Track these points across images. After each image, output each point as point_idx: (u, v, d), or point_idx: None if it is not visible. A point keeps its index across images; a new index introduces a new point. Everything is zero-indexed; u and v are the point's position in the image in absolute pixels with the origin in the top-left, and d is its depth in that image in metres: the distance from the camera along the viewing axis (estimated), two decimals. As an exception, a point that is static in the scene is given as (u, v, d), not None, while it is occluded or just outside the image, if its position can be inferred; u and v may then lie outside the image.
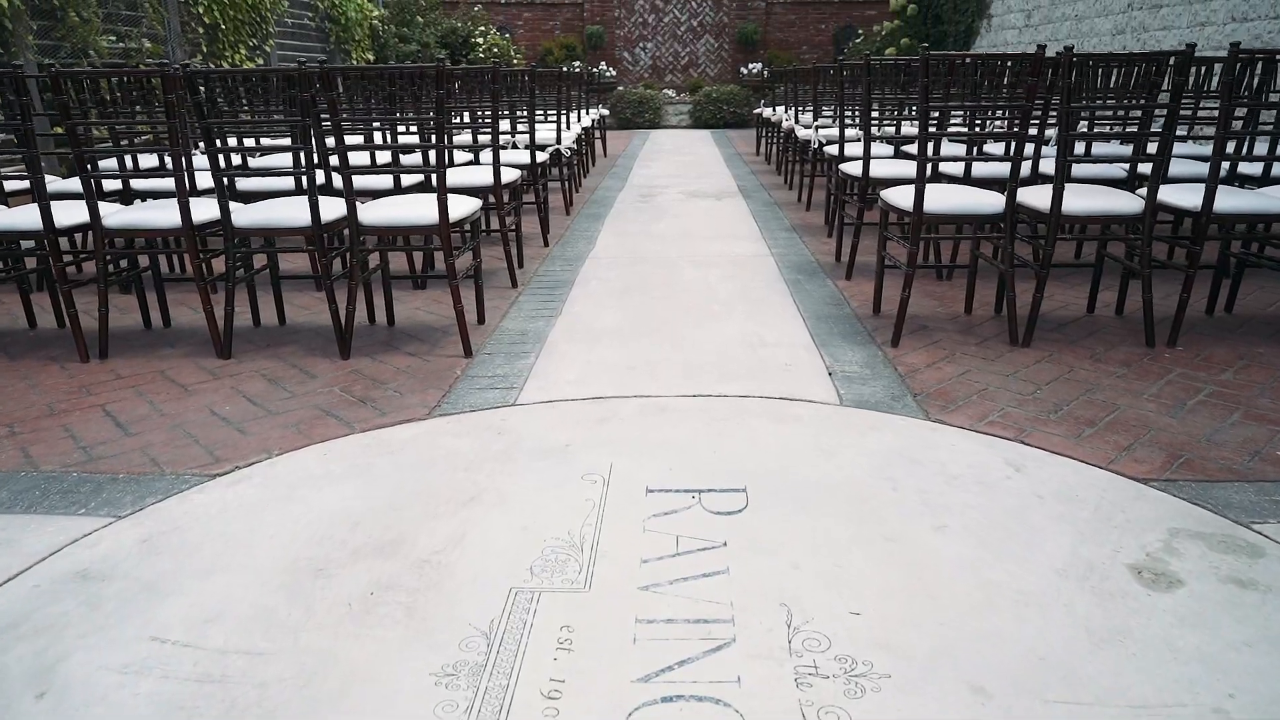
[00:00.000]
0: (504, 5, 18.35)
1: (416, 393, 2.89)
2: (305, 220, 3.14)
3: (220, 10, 9.44)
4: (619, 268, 4.63)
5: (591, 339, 3.42)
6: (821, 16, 17.96)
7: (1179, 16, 8.46)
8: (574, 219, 6.18)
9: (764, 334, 3.44)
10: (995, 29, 12.74)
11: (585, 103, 9.47)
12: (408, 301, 4.05)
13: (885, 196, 3.36)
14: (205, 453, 2.45)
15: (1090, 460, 2.32)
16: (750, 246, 5.12)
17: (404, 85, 3.84)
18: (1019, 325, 3.29)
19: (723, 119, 15.96)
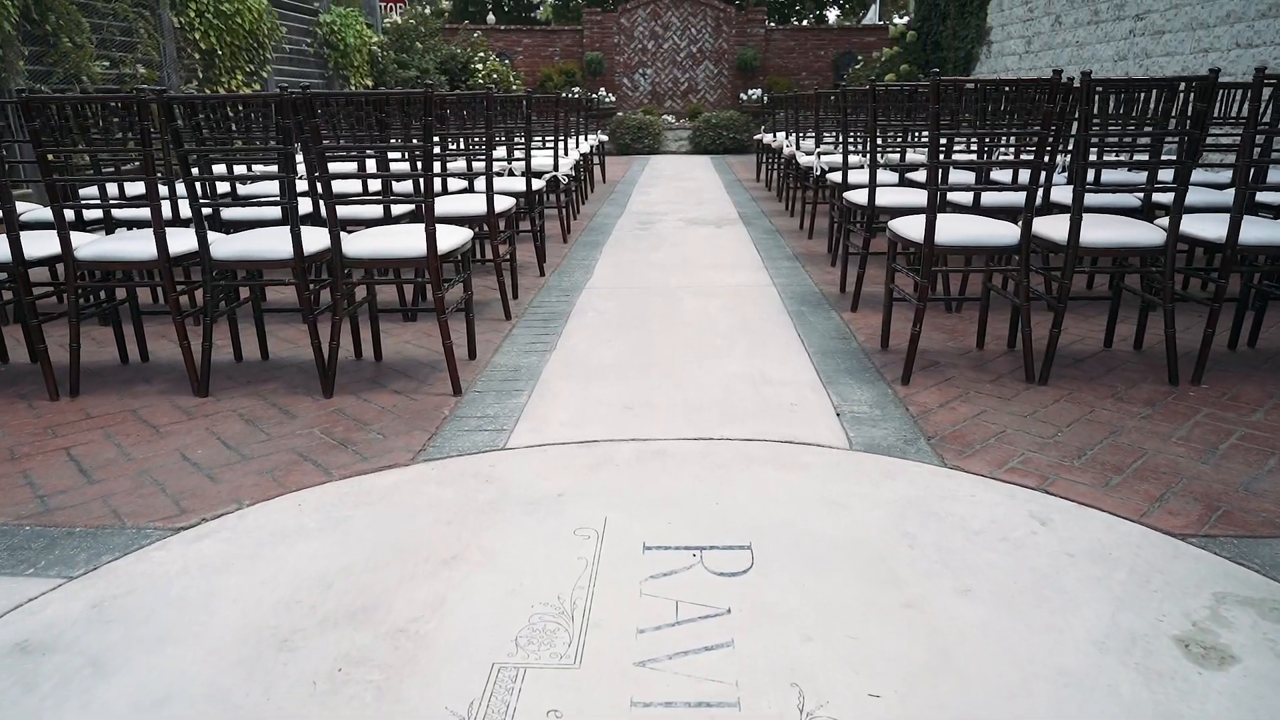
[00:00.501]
0: (504, 32, 18.40)
1: (401, 435, 2.73)
2: (287, 252, 2.99)
3: (217, 36, 9.39)
4: (617, 298, 4.49)
5: (587, 375, 3.27)
6: (821, 43, 18.00)
7: (1182, 43, 8.40)
8: (571, 247, 6.05)
9: (768, 370, 3.28)
10: (995, 55, 12.72)
11: (584, 128, 9.39)
12: (397, 335, 3.90)
13: (894, 227, 3.22)
14: (171, 503, 2.28)
15: (1121, 513, 2.16)
16: (752, 276, 4.98)
17: (394, 111, 3.71)
18: (1035, 361, 3.14)
19: (722, 144, 15.92)
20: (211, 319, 3.10)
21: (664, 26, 18.04)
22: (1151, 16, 8.86)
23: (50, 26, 7.11)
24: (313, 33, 12.20)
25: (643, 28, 18.06)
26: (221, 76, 9.67)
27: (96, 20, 7.86)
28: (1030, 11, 11.55)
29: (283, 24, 11.00)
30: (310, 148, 2.88)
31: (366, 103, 3.53)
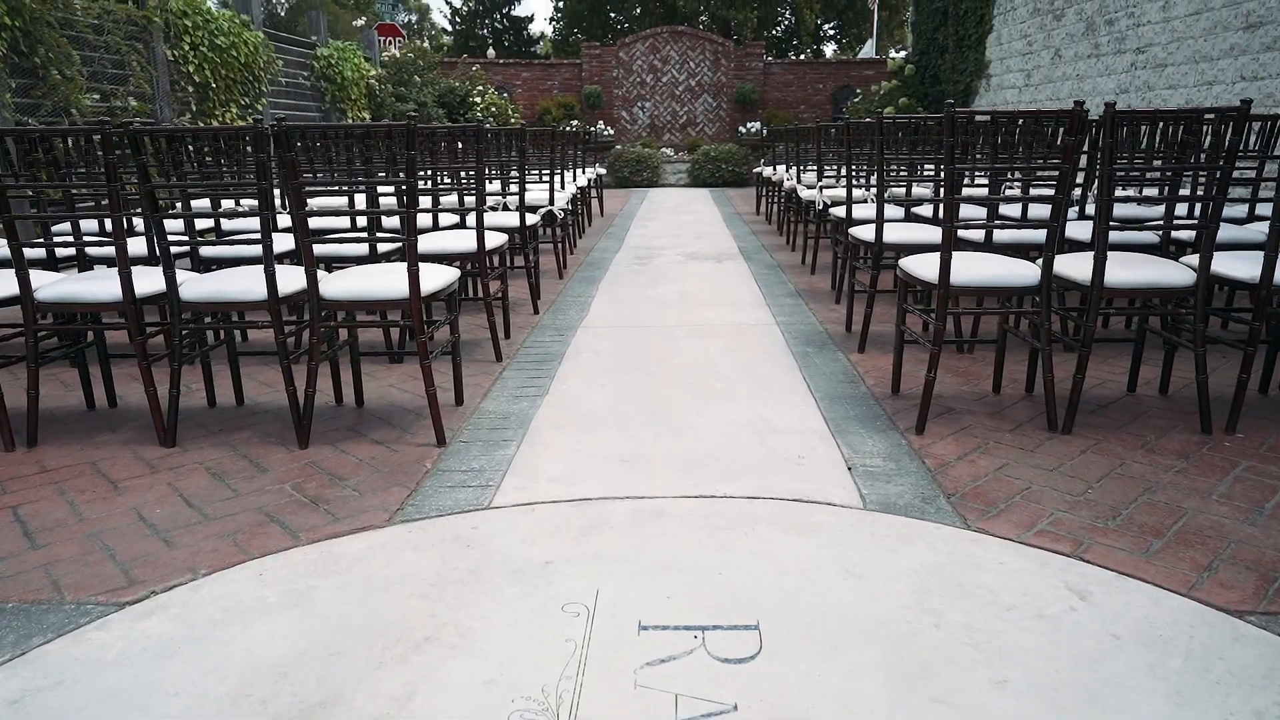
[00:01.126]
0: (502, 65, 18.44)
1: (378, 491, 2.53)
2: (260, 293, 2.81)
3: (211, 69, 9.32)
4: (613, 338, 4.30)
5: (581, 423, 3.07)
6: (819, 77, 18.04)
7: (1185, 76, 8.32)
8: (567, 283, 5.88)
9: (773, 418, 3.09)
10: (994, 89, 12.69)
11: (582, 162, 9.28)
12: (381, 378, 3.71)
13: (906, 266, 3.04)
14: (119, 572, 2.07)
15: (1167, 584, 1.95)
16: (754, 314, 4.80)
17: (380, 145, 3.56)
18: (1057, 409, 2.94)
19: (721, 178, 15.86)
20: (180, 364, 2.91)
21: (663, 60, 18.08)
22: (1153, 50, 8.80)
23: (39, 59, 7.00)
24: (310, 66, 12.17)
25: (641, 61, 18.10)
26: (215, 109, 9.59)
27: (88, 53, 7.76)
28: (1029, 45, 11.53)
29: (279, 57, 10.95)
30: (287, 183, 2.71)
31: (347, 135, 3.36)
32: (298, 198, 2.71)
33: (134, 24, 8.24)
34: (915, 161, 4.44)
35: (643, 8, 27.89)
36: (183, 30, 8.92)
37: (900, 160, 4.53)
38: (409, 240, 2.73)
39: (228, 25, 9.53)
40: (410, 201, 2.71)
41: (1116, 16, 9.43)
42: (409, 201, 2.70)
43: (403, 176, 2.74)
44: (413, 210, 2.71)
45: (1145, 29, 8.91)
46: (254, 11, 10.47)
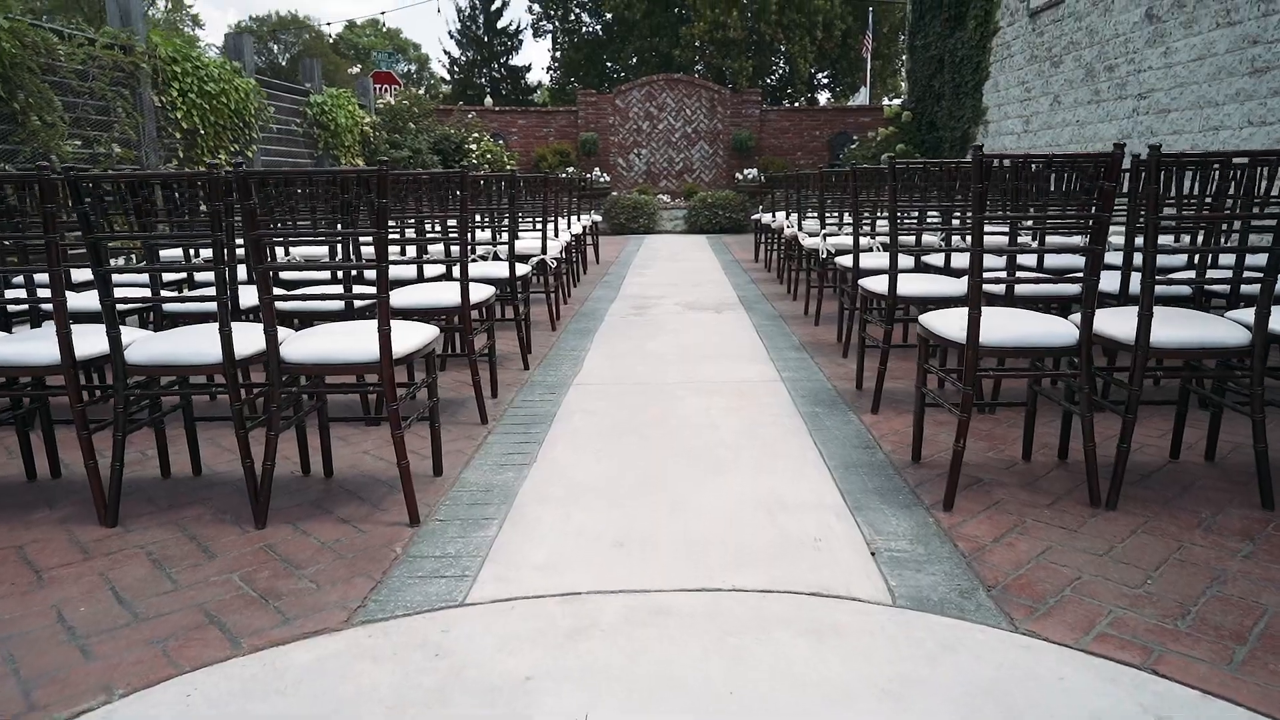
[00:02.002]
0: (498, 113, 18.45)
1: (339, 584, 2.22)
2: (214, 356, 2.53)
3: (200, 116, 9.16)
4: (608, 397, 4.02)
5: (571, 498, 2.77)
6: (816, 124, 18.05)
7: (1189, 121, 8.19)
8: (560, 335, 5.61)
9: (783, 491, 2.79)
10: (992, 135, 12.62)
11: (577, 208, 9.10)
12: (355, 442, 3.41)
13: (929, 324, 2.77)
14: (18, 694, 1.75)
15: (1263, 709, 1.64)
16: (757, 369, 4.52)
17: (354, 192, 3.31)
18: (1099, 481, 2.65)
19: (718, 224, 15.74)
20: (123, 434, 2.61)
21: (659, 108, 18.10)
22: (1155, 95, 8.70)
23: (19, 104, 6.81)
24: (302, 113, 12.06)
25: (638, 109, 18.12)
26: (204, 156, 9.41)
27: (71, 99, 7.59)
28: (1027, 92, 11.47)
29: (271, 104, 10.84)
30: (247, 233, 2.45)
31: (310, 181, 3.11)
32: (256, 250, 2.45)
33: (121, 70, 8.09)
34: (924, 208, 4.20)
35: (639, 58, 28.16)
36: (171, 76, 8.78)
37: (909, 207, 4.30)
38: (380, 297, 2.46)
39: (218, 72, 9.41)
40: (380, 254, 2.44)
41: (1116, 63, 9.36)
42: (379, 253, 2.43)
43: (370, 226, 2.48)
44: (383, 264, 2.44)
45: (1146, 75, 8.82)
46: (246, 58, 10.38)
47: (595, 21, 29.92)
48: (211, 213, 2.41)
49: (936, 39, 14.04)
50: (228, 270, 2.47)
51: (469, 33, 31.51)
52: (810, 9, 25.00)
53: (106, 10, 8.71)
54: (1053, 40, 10.75)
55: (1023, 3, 11.51)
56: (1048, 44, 10.88)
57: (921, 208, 4.17)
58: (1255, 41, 7.22)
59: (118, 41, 8.03)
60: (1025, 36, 11.47)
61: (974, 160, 2.44)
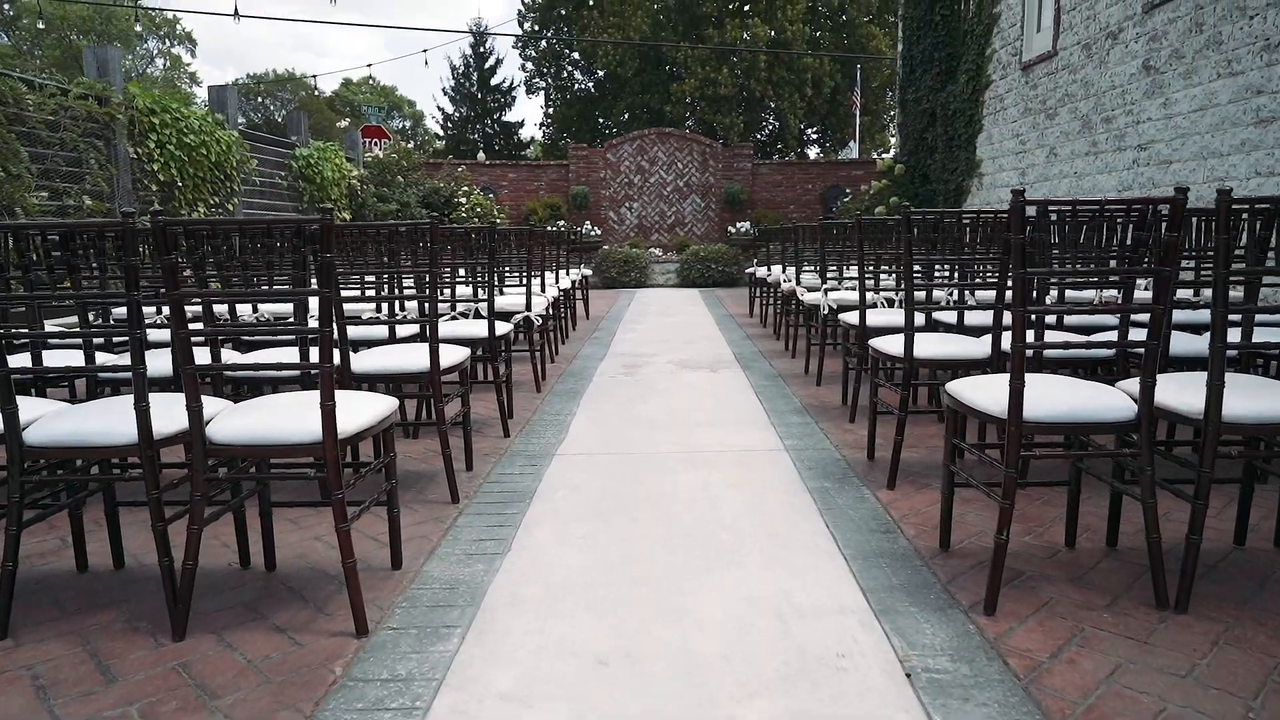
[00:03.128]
0: (489, 166, 18.35)
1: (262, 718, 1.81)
2: (126, 435, 2.15)
3: (179, 168, 8.90)
4: (595, 470, 3.64)
5: (548, 600, 2.37)
6: (808, 177, 17.99)
7: (1194, 172, 7.99)
8: (545, 397, 5.24)
9: (794, 590, 2.40)
10: (987, 187, 12.49)
11: (567, 262, 8.81)
12: (308, 526, 3.01)
13: (960, 394, 2.41)
14: None
15: None
16: (757, 436, 4.15)
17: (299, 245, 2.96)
18: (1165, 578, 2.27)
19: (711, 278, 15.50)
20: (18, 529, 2.22)
21: (650, 161, 18.03)
22: (1156, 146, 8.52)
23: (-19, 156, 6.53)
24: (288, 165, 11.85)
25: (629, 162, 18.04)
26: (181, 208, 9.12)
27: (40, 150, 7.31)
28: (1022, 144, 11.35)
29: (254, 156, 10.63)
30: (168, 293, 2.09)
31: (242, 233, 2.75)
32: (177, 311, 2.09)
33: (94, 121, 7.85)
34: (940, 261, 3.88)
35: (630, 114, 28.35)
36: (149, 128, 8.54)
37: (924, 259, 3.99)
38: (323, 368, 2.10)
39: (199, 124, 9.18)
40: (324, 317, 2.09)
41: (1114, 114, 9.22)
42: (322, 316, 2.08)
43: (316, 285, 2.13)
44: (325, 329, 2.09)
45: (1146, 126, 8.66)
46: (230, 111, 10.19)
47: (587, 79, 30.22)
48: (125, 269, 2.06)
49: (928, 93, 14.02)
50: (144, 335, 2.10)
51: (463, 89, 31.76)
52: (799, 67, 25.27)
53: (84, 62, 8.52)
54: (1046, 93, 10.65)
55: (1014, 56, 11.46)
56: (1041, 96, 10.78)
57: (937, 260, 3.85)
58: (1259, 91, 7.05)
59: (92, 92, 7.80)
60: (1018, 89, 11.39)
61: (1013, 208, 2.11)
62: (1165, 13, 8.18)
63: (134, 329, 2.11)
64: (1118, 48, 9.07)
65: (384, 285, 4.46)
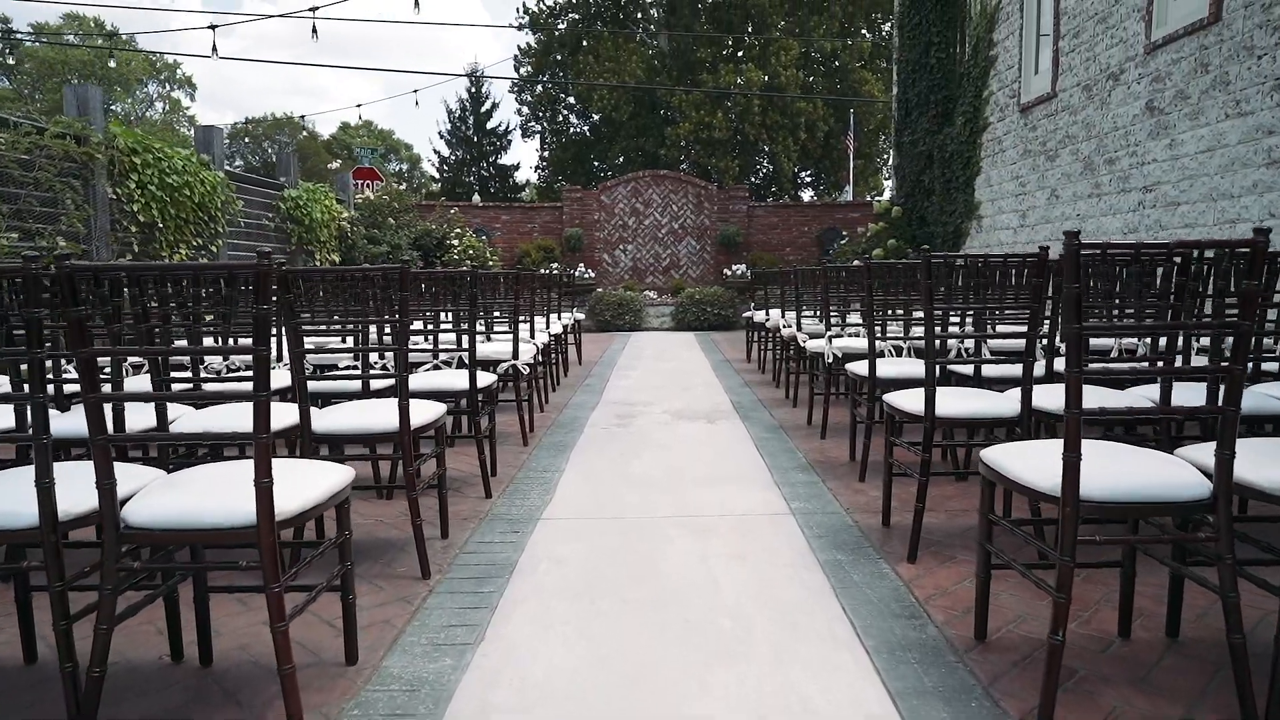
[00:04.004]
0: (482, 209, 18.20)
1: None
2: (25, 517, 1.82)
3: (160, 209, 8.64)
4: (583, 537, 3.30)
5: (523, 710, 2.02)
6: (804, 219, 17.86)
7: (1203, 214, 7.78)
8: (533, 450, 4.90)
9: (812, 694, 2.05)
10: (986, 230, 12.32)
11: (559, 306, 8.54)
12: (258, 608, 2.66)
13: (1001, 465, 2.10)
14: None
15: None
16: (761, 497, 3.82)
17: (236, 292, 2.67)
18: (1253, 687, 1.93)
19: (707, 321, 15.24)
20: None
21: (645, 203, 17.90)
22: (1163, 188, 8.33)
23: (-55, 195, 6.26)
24: (275, 207, 11.63)
25: (623, 204, 17.91)
26: (163, 251, 8.86)
27: (13, 190, 7.05)
28: (1022, 186, 11.19)
29: (240, 197, 10.40)
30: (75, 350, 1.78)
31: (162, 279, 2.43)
32: (87, 372, 1.77)
33: (72, 160, 7.60)
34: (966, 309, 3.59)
35: (625, 157, 28.39)
36: (130, 168, 8.30)
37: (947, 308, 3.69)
38: (258, 439, 1.78)
39: (183, 164, 8.95)
40: (259, 379, 1.77)
41: (1117, 156, 9.05)
42: (256, 379, 1.77)
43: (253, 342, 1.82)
44: (261, 395, 1.77)
45: (1151, 167, 8.48)
46: (215, 151, 9.98)
47: (583, 122, 30.33)
48: (27, 323, 1.75)
49: (924, 135, 13.93)
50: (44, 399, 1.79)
51: (459, 133, 31.85)
52: (793, 111, 25.38)
53: (64, 100, 8.31)
54: (1046, 134, 10.51)
55: (1012, 98, 11.36)
56: (1041, 138, 10.65)
57: (957, 308, 3.55)
58: (1271, 132, 6.86)
59: (70, 131, 7.57)
60: (1017, 131, 11.27)
61: (1068, 253, 1.82)
62: (1168, 54, 8.04)
63: (34, 392, 1.79)
64: (1119, 89, 8.94)
65: (358, 334, 4.17)
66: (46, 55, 43.26)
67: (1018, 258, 2.94)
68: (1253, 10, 6.85)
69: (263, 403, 1.78)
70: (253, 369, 1.78)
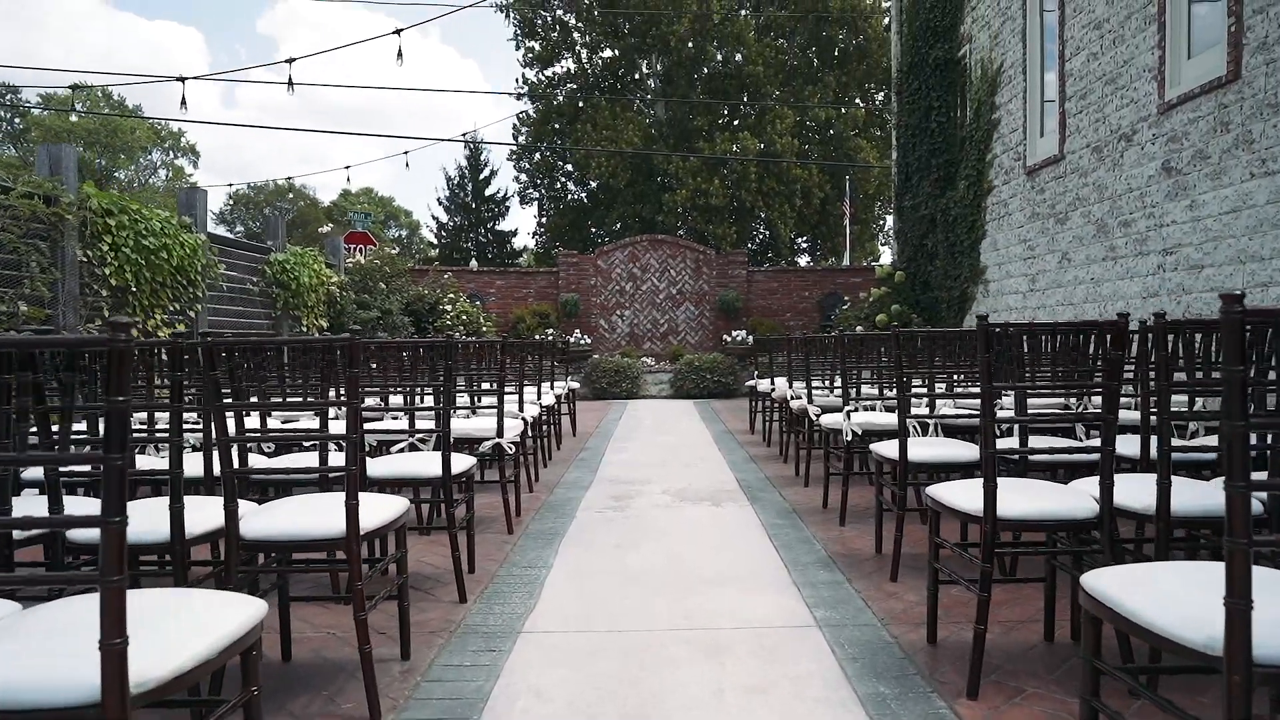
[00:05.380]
0: (476, 274, 17.91)
1: None
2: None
3: (134, 272, 8.23)
4: (570, 662, 2.75)
5: None
6: (804, 284, 17.55)
7: (1230, 277, 7.39)
8: (518, 540, 4.36)
9: None
10: (994, 294, 11.96)
11: (551, 374, 8.07)
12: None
13: (1126, 607, 1.59)
14: None
15: None
16: (779, 603, 3.28)
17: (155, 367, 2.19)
18: None
19: (706, 389, 14.77)
20: None
21: (642, 269, 17.61)
22: (1184, 250, 7.96)
23: (-107, 258, 5.84)
24: (261, 271, 11.26)
25: (620, 269, 17.61)
26: (135, 316, 8.41)
27: (-30, 253, 6.65)
28: (1030, 250, 10.87)
29: (224, 261, 10.02)
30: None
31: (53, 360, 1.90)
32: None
33: (39, 221, 7.22)
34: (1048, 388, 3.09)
35: (623, 223, 28.34)
36: (103, 229, 7.91)
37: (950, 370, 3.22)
38: (107, 585, 1.27)
39: (161, 226, 8.57)
40: (112, 505, 1.28)
41: (1133, 218, 8.72)
42: (106, 504, 1.27)
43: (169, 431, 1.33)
44: (114, 521, 1.27)
45: (1171, 229, 8.13)
46: (198, 213, 9.63)
47: (580, 189, 30.39)
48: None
49: (926, 199, 13.71)
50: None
51: (457, 199, 31.91)
52: (789, 178, 25.41)
53: (36, 160, 7.98)
54: (1055, 197, 10.23)
55: (1018, 161, 11.13)
56: (1050, 201, 10.36)
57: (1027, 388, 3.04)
58: (1302, 192, 6.52)
59: (39, 191, 7.20)
60: (1024, 194, 11.00)
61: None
62: (1184, 113, 7.77)
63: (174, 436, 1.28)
64: (1132, 150, 8.65)
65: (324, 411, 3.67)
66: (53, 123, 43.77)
67: (1090, 326, 2.48)
68: (1275, 67, 6.57)
69: (114, 531, 1.28)
70: (104, 480, 1.29)
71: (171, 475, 2.19)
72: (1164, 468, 2.20)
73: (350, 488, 2.31)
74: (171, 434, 2.23)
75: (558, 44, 27.21)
